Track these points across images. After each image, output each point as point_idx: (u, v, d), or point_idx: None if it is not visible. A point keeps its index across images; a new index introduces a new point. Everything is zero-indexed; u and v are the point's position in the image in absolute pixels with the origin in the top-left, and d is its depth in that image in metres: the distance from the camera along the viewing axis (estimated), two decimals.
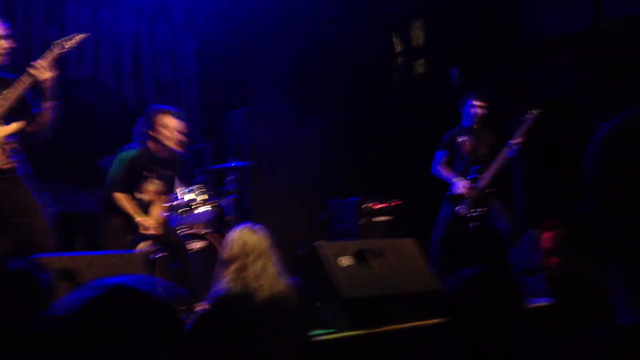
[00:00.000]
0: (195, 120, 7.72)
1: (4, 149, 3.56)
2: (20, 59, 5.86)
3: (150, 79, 7.38)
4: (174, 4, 7.64)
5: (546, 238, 2.19)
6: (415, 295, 4.10)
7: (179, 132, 4.64)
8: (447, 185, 5.73)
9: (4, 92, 3.55)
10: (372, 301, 3.88)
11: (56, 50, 3.72)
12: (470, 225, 5.55)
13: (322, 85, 7.81)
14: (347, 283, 3.79)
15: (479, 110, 5.74)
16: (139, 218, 4.48)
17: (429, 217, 6.02)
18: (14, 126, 3.59)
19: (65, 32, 6.70)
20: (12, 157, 3.62)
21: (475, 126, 5.77)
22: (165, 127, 4.56)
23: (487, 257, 5.43)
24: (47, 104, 3.67)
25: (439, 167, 5.84)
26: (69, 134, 6.42)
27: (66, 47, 3.76)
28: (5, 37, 3.61)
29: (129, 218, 4.45)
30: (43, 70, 3.61)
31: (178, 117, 4.74)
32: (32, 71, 3.60)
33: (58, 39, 3.81)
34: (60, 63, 6.64)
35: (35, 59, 3.82)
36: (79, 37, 3.83)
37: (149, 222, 4.52)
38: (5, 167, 3.56)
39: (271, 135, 7.02)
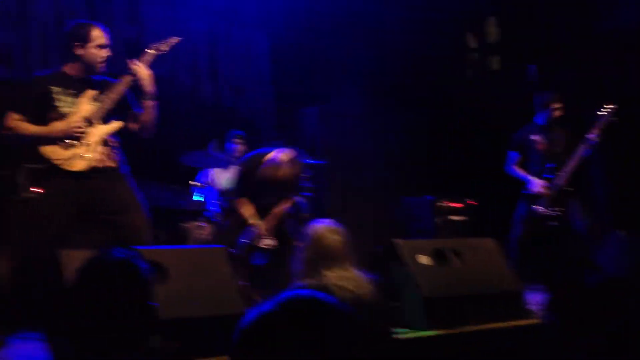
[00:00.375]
0: (269, 118, 7.82)
1: (106, 147, 3.68)
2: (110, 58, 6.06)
3: (226, 78, 7.50)
4: (248, 4, 7.75)
5: None
6: (496, 295, 4.02)
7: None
8: (523, 183, 5.61)
9: (107, 93, 3.69)
10: (452, 301, 3.82)
11: (152, 53, 3.86)
12: (549, 224, 5.41)
13: (395, 83, 7.77)
14: (427, 282, 3.75)
15: (556, 110, 5.59)
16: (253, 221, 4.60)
17: (506, 217, 5.91)
18: (114, 125, 3.73)
19: (145, 32, 6.94)
20: (115, 156, 3.74)
21: (550, 124, 5.62)
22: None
23: (567, 257, 5.29)
24: (147, 104, 3.80)
25: (513, 167, 5.72)
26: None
27: (161, 49, 3.90)
28: (107, 46, 3.75)
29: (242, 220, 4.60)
30: (142, 70, 3.72)
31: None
32: (131, 72, 3.74)
33: (153, 42, 3.95)
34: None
35: (115, 58, 3.97)
36: (173, 40, 3.98)
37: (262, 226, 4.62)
38: (109, 165, 3.68)
39: (345, 133, 7.03)
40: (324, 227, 3.26)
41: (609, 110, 5.38)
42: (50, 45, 6.16)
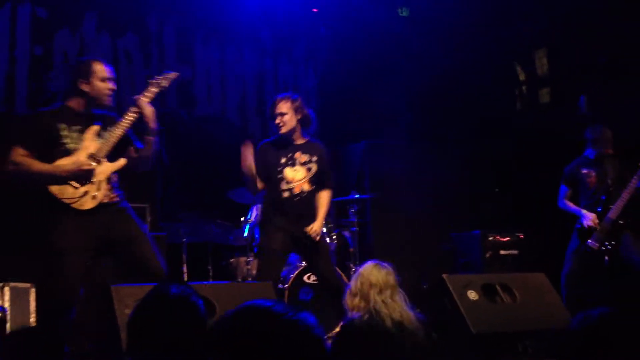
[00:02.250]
0: None
1: (109, 184, 3.75)
2: (157, 99, 6.25)
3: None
4: (295, 41, 7.90)
5: None
6: (547, 332, 3.93)
7: None
8: (576, 217, 5.50)
9: (112, 130, 3.72)
10: (502, 337, 3.76)
11: (154, 88, 3.88)
12: (605, 259, 5.28)
13: (443, 117, 7.76)
14: (476, 317, 3.70)
15: (605, 142, 5.50)
16: None
17: (556, 251, 5.79)
18: (120, 162, 3.76)
19: (196, 72, 7.15)
20: (116, 191, 3.80)
21: (600, 157, 5.53)
22: None
23: (622, 293, 5.13)
24: (150, 139, 3.80)
25: (565, 201, 5.63)
26: (200, 167, 6.79)
27: (162, 85, 3.91)
28: (111, 79, 3.79)
29: None
30: (146, 106, 3.77)
31: None
32: (136, 108, 3.76)
33: (154, 78, 3.95)
34: (190, 102, 7.08)
35: (168, 97, 4.06)
36: (172, 75, 3.98)
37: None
38: (111, 200, 3.74)
39: (392, 167, 7.03)
40: (371, 265, 3.34)
41: None
42: None
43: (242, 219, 5.79)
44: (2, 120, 5.78)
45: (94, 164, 3.63)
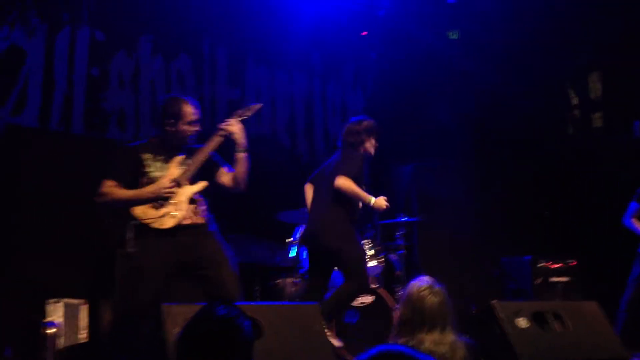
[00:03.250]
0: (364, 175, 7.89)
1: (195, 206, 3.84)
2: (207, 121, 6.38)
3: (322, 136, 7.69)
4: (344, 64, 7.96)
5: None
6: None
7: None
8: (638, 241, 5.36)
9: (194, 156, 3.87)
10: None
11: (237, 118, 4.01)
12: None
13: (494, 140, 7.69)
14: (526, 346, 3.62)
15: None
16: None
17: (609, 279, 5.64)
18: (200, 185, 3.87)
19: (246, 94, 7.26)
20: (204, 214, 3.90)
21: None
22: None
23: None
24: (240, 156, 3.92)
25: (631, 220, 5.49)
26: (249, 188, 6.85)
27: (245, 115, 4.05)
28: (196, 122, 3.91)
29: None
30: (234, 125, 3.91)
31: None
32: (222, 129, 3.91)
33: (239, 108, 4.11)
34: (242, 123, 7.16)
35: (220, 120, 4.15)
36: (256, 107, 4.14)
37: None
38: (197, 222, 3.84)
39: (440, 190, 6.98)
40: (424, 287, 3.15)
41: None
42: None
43: (288, 240, 5.82)
44: (59, 139, 5.96)
45: (173, 187, 3.76)
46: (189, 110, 3.88)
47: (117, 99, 6.37)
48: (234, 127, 3.90)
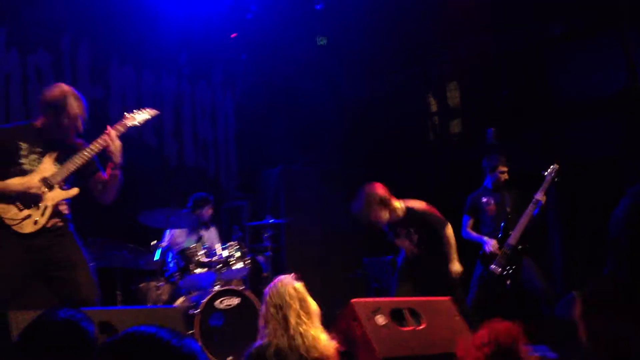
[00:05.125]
0: (233, 177, 7.88)
1: (59, 209, 3.67)
2: None
3: (190, 137, 7.59)
4: (214, 66, 7.91)
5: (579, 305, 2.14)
6: (453, 355, 4.03)
7: None
8: (479, 245, 5.71)
9: (73, 158, 3.66)
10: None
11: (128, 123, 3.86)
12: (507, 283, 5.49)
13: (357, 144, 7.90)
14: (383, 342, 3.76)
15: (502, 173, 5.77)
16: None
17: (462, 277, 5.97)
18: (71, 192, 3.70)
19: (111, 93, 7.02)
20: (64, 216, 3.74)
21: (498, 186, 5.79)
22: None
23: (522, 314, 5.34)
24: (114, 172, 3.78)
25: (468, 231, 5.85)
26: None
27: (137, 120, 3.95)
28: (82, 116, 3.70)
29: None
30: (113, 142, 3.74)
31: None
32: (103, 139, 3.72)
33: (131, 112, 3.94)
34: (106, 123, 6.92)
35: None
36: (153, 112, 3.98)
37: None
38: (58, 224, 3.67)
39: (307, 193, 7.09)
40: (281, 280, 3.24)
41: (552, 170, 5.56)
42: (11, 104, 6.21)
43: (153, 243, 5.69)
44: None
45: (44, 188, 3.55)
46: (73, 103, 3.65)
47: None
48: (114, 142, 3.72)
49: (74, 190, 3.70)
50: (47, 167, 3.62)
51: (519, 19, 6.86)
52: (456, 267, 5.10)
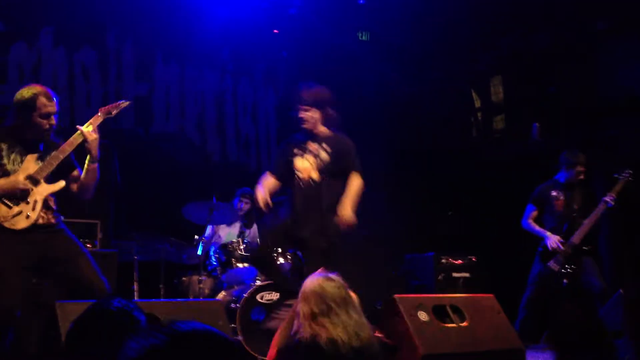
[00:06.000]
0: None
1: (48, 205, 3.71)
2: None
3: (233, 133, 7.64)
4: (256, 62, 7.94)
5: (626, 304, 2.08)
6: (496, 353, 3.98)
7: None
8: (535, 242, 5.59)
9: (53, 153, 3.69)
10: (450, 358, 3.79)
11: (102, 116, 3.84)
12: (564, 282, 5.39)
13: (399, 140, 7.85)
14: (425, 338, 3.73)
15: (579, 172, 5.63)
16: None
17: (507, 274, 5.88)
18: (58, 185, 3.72)
19: (155, 90, 7.12)
20: (54, 214, 3.75)
21: (571, 183, 5.66)
22: None
23: (578, 315, 5.23)
24: (91, 166, 3.77)
25: (529, 221, 5.70)
26: (156, 185, 6.73)
27: (112, 113, 3.89)
28: (53, 114, 3.69)
29: None
30: (90, 134, 3.72)
31: None
32: (81, 133, 3.71)
33: (105, 106, 3.92)
34: (147, 118, 7.03)
35: (124, 114, 4.02)
36: (123, 104, 3.94)
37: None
38: (48, 222, 3.70)
39: None
40: (319, 277, 3.18)
41: (627, 174, 5.42)
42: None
43: (196, 237, 5.75)
44: None
45: (31, 185, 3.60)
46: (44, 102, 3.65)
47: (15, 91, 6.10)
48: (91, 136, 3.70)
49: (60, 183, 3.72)
50: (30, 165, 3.66)
51: (565, 14, 6.71)
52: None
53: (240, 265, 5.37)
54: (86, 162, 3.76)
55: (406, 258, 6.87)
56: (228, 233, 6.09)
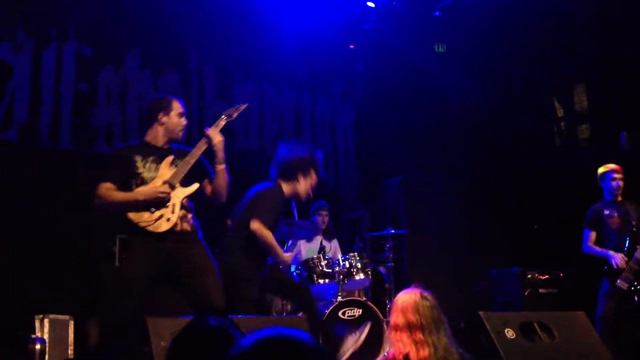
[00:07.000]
0: (353, 189, 7.91)
1: (185, 211, 3.85)
2: (195, 132, 6.39)
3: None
4: (333, 77, 8.00)
5: None
6: None
7: None
8: (602, 260, 5.39)
9: (185, 159, 3.87)
10: None
11: (224, 119, 4.03)
12: (635, 299, 5.17)
13: (481, 153, 7.72)
14: (514, 356, 3.63)
15: (620, 182, 5.42)
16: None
17: (596, 290, 5.66)
18: (193, 187, 3.88)
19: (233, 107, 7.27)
20: (192, 221, 3.90)
21: (619, 198, 5.44)
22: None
23: None
24: (219, 167, 3.94)
25: (589, 245, 5.53)
26: (237, 202, 6.83)
27: (233, 116, 4.08)
28: (184, 114, 3.99)
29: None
30: (215, 136, 3.91)
31: None
32: (206, 136, 3.92)
33: (225, 110, 4.11)
34: (228, 136, 7.17)
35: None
36: (242, 107, 4.15)
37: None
38: (186, 229, 3.84)
39: (429, 203, 6.99)
40: (414, 294, 3.20)
41: None
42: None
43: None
44: (48, 154, 5.95)
45: (169, 189, 3.77)
46: (177, 104, 3.97)
47: (104, 114, 6.36)
48: (216, 137, 3.91)
49: (195, 186, 3.88)
50: (165, 171, 3.84)
51: None
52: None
53: (321, 281, 5.39)
54: (215, 165, 3.94)
55: (491, 273, 6.70)
56: (308, 249, 6.12)
